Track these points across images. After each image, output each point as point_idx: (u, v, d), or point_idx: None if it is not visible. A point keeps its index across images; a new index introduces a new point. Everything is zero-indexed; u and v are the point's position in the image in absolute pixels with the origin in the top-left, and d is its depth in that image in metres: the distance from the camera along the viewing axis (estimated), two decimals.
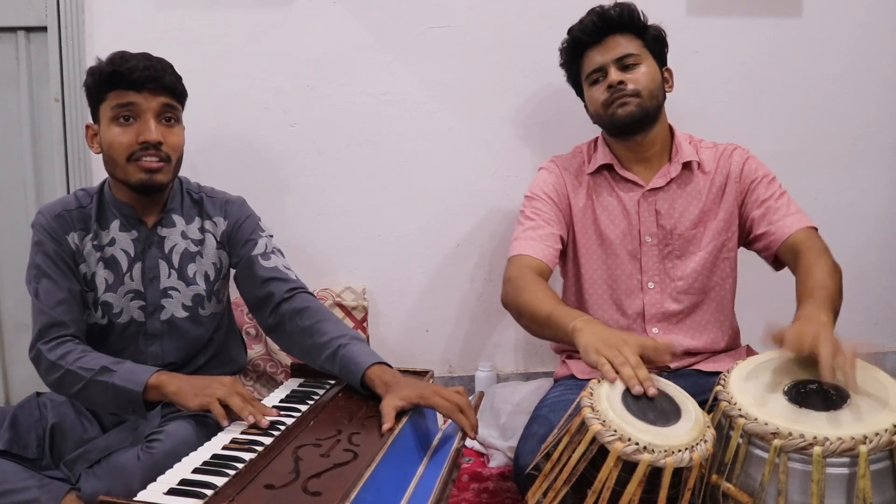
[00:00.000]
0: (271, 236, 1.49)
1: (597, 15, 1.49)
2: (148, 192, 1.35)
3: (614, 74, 1.46)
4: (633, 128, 1.47)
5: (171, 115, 1.35)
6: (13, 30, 1.86)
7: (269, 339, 1.87)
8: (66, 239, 1.35)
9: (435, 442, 1.25)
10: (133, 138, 1.30)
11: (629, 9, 1.49)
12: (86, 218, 1.38)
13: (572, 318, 1.26)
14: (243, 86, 1.89)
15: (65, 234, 1.36)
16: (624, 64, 1.46)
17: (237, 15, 1.86)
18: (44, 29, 1.83)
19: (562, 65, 1.60)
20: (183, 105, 1.41)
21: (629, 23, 1.48)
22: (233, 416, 1.17)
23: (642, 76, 1.46)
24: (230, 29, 1.87)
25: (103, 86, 1.31)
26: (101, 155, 1.36)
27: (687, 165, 1.50)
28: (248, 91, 1.90)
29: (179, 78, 1.38)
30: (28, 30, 1.86)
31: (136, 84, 1.30)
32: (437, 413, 1.33)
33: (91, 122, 1.38)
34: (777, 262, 1.48)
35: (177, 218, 1.42)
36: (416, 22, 1.91)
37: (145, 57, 1.33)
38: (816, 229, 1.43)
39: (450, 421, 1.22)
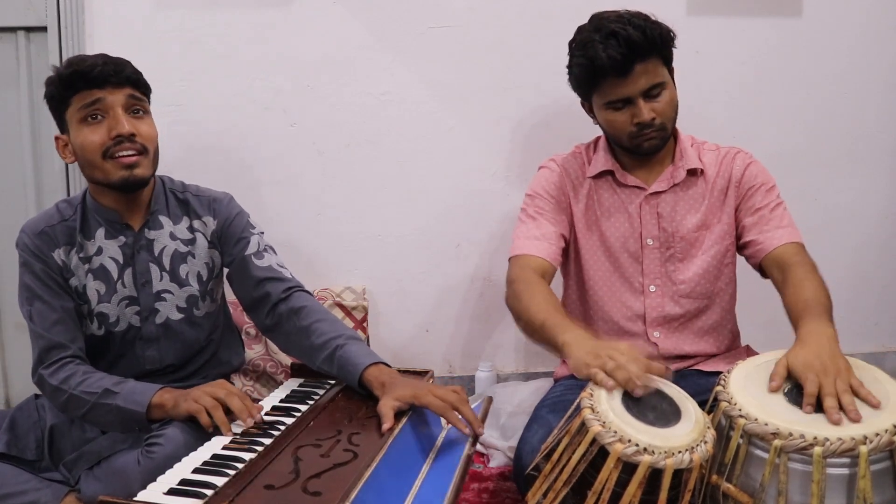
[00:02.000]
0: (262, 233, 1.47)
1: (623, 44, 1.34)
2: (131, 188, 1.32)
3: (646, 112, 1.38)
4: (652, 155, 1.48)
5: (138, 107, 1.33)
6: (13, 30, 1.86)
7: (269, 339, 1.87)
8: (51, 256, 1.33)
9: (439, 442, 1.24)
10: (105, 135, 1.28)
11: (657, 31, 1.36)
12: (70, 231, 1.35)
13: (563, 331, 1.23)
14: (243, 86, 1.89)
15: (50, 252, 1.33)
16: (651, 94, 1.40)
17: (237, 15, 1.86)
18: (44, 29, 1.83)
19: (571, 81, 1.49)
20: (148, 98, 1.38)
21: (659, 46, 1.37)
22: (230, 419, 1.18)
23: (667, 105, 1.41)
24: (230, 29, 1.86)
25: (66, 91, 1.29)
26: (76, 164, 1.35)
27: (691, 171, 1.49)
28: (248, 91, 1.89)
29: (140, 72, 1.36)
30: (28, 30, 1.86)
31: (99, 80, 1.28)
32: None
33: (59, 133, 1.35)
34: (762, 272, 1.47)
35: (163, 219, 1.40)
36: (416, 22, 1.91)
37: (102, 55, 1.32)
38: (803, 246, 1.41)
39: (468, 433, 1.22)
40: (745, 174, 1.48)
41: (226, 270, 1.47)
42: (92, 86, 1.28)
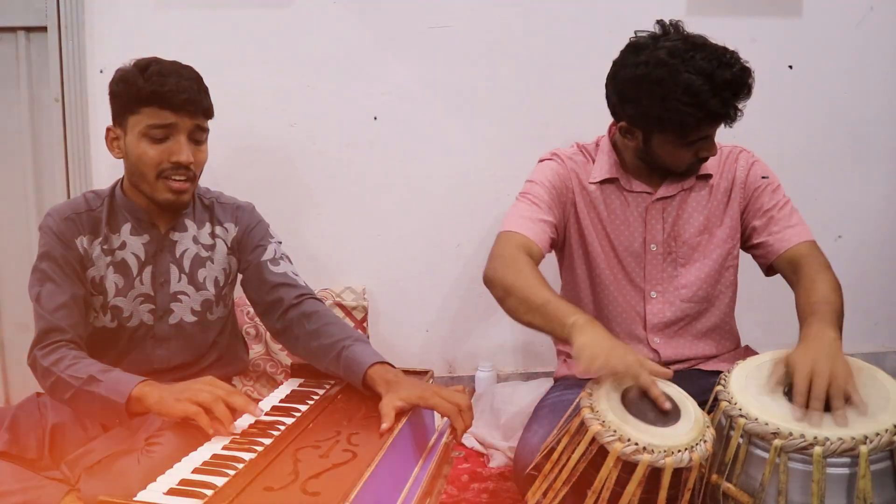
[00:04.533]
0: (280, 242, 1.49)
1: (739, 90, 1.31)
2: (173, 210, 1.37)
3: (715, 146, 1.38)
4: None
5: (201, 136, 1.35)
6: (13, 30, 1.86)
7: (269, 340, 1.87)
8: (74, 243, 1.34)
9: (431, 441, 1.25)
10: (164, 156, 1.30)
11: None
12: (95, 221, 1.37)
13: (572, 312, 1.21)
14: (243, 86, 1.89)
15: (73, 238, 1.34)
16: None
17: (237, 15, 1.87)
18: (44, 29, 1.83)
19: (641, 115, 1.35)
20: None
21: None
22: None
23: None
24: (230, 29, 1.87)
25: (139, 99, 1.29)
26: (121, 160, 1.35)
27: (699, 176, 1.46)
28: (248, 91, 1.90)
29: (210, 100, 1.37)
30: (28, 30, 1.86)
31: (176, 106, 1.28)
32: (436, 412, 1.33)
33: (112, 125, 1.35)
34: (770, 271, 1.46)
35: (189, 223, 1.42)
36: (416, 22, 1.91)
37: (179, 74, 1.31)
38: (815, 243, 1.40)
39: (446, 419, 1.22)
40: (749, 174, 1.45)
41: (240, 276, 1.48)
42: (167, 107, 1.28)
